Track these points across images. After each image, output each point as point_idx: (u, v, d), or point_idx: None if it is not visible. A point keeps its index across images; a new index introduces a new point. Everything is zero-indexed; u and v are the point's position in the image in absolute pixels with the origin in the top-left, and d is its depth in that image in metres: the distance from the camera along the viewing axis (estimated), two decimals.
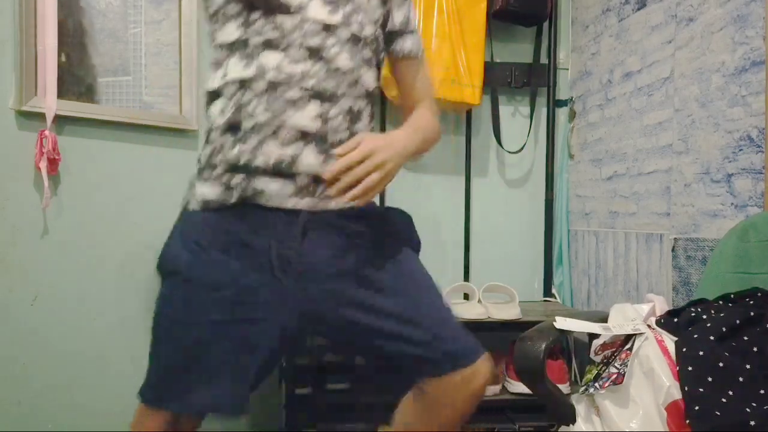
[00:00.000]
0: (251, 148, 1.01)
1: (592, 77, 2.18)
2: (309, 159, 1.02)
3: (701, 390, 1.00)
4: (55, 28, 1.65)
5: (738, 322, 1.06)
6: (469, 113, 2.31)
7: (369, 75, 1.12)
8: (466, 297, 2.15)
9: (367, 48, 1.11)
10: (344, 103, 1.05)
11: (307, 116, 1.01)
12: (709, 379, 1.01)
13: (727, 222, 1.45)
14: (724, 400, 0.98)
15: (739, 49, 1.44)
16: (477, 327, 1.93)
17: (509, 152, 2.32)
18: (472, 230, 2.33)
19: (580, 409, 1.14)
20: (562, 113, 2.36)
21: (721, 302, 1.16)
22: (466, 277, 2.29)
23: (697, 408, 0.98)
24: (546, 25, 2.31)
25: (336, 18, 1.07)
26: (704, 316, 1.11)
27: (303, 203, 1.02)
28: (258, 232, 1.02)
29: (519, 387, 1.87)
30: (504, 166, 2.38)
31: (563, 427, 1.14)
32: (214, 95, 1.08)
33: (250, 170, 1.01)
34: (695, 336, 1.07)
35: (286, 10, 1.04)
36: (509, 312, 1.91)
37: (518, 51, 2.33)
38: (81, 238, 1.77)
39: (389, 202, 2.16)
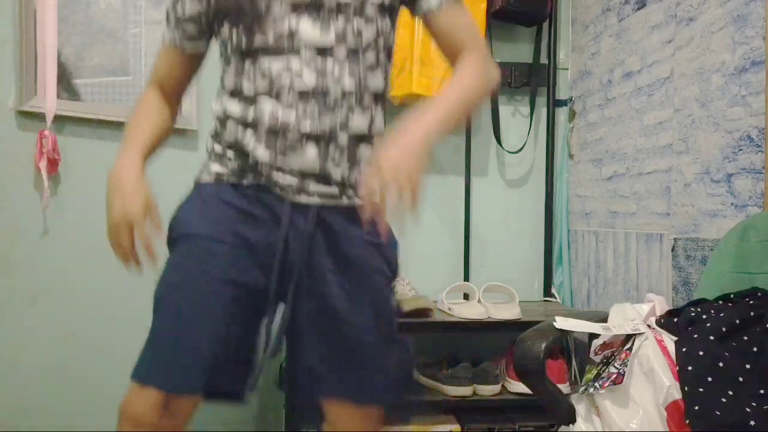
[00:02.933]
0: (263, 167, 1.04)
1: (592, 77, 2.18)
2: (315, 187, 1.04)
3: (701, 390, 1.00)
4: (55, 28, 1.65)
5: (738, 322, 1.07)
6: None
7: (375, 77, 1.06)
8: (466, 297, 2.15)
9: (370, 50, 1.05)
10: (344, 134, 1.03)
11: (308, 159, 1.02)
12: (709, 379, 1.01)
13: (727, 222, 1.45)
14: (724, 400, 0.98)
15: (739, 49, 1.44)
16: (477, 327, 1.93)
17: (509, 152, 2.32)
18: (472, 230, 2.33)
19: (580, 409, 1.14)
20: (562, 113, 2.36)
21: (721, 302, 1.16)
22: (466, 277, 2.29)
23: (697, 408, 0.99)
24: (546, 25, 2.30)
25: (329, 38, 1.01)
26: (704, 316, 1.11)
27: (314, 200, 1.04)
28: (269, 214, 1.04)
29: (519, 387, 1.87)
30: (504, 166, 2.38)
31: (563, 427, 1.14)
32: (229, 99, 1.08)
33: (263, 172, 1.04)
34: (695, 336, 1.07)
35: (274, 48, 1.01)
36: (509, 312, 1.91)
37: (518, 51, 2.33)
38: (81, 238, 1.77)
39: None
